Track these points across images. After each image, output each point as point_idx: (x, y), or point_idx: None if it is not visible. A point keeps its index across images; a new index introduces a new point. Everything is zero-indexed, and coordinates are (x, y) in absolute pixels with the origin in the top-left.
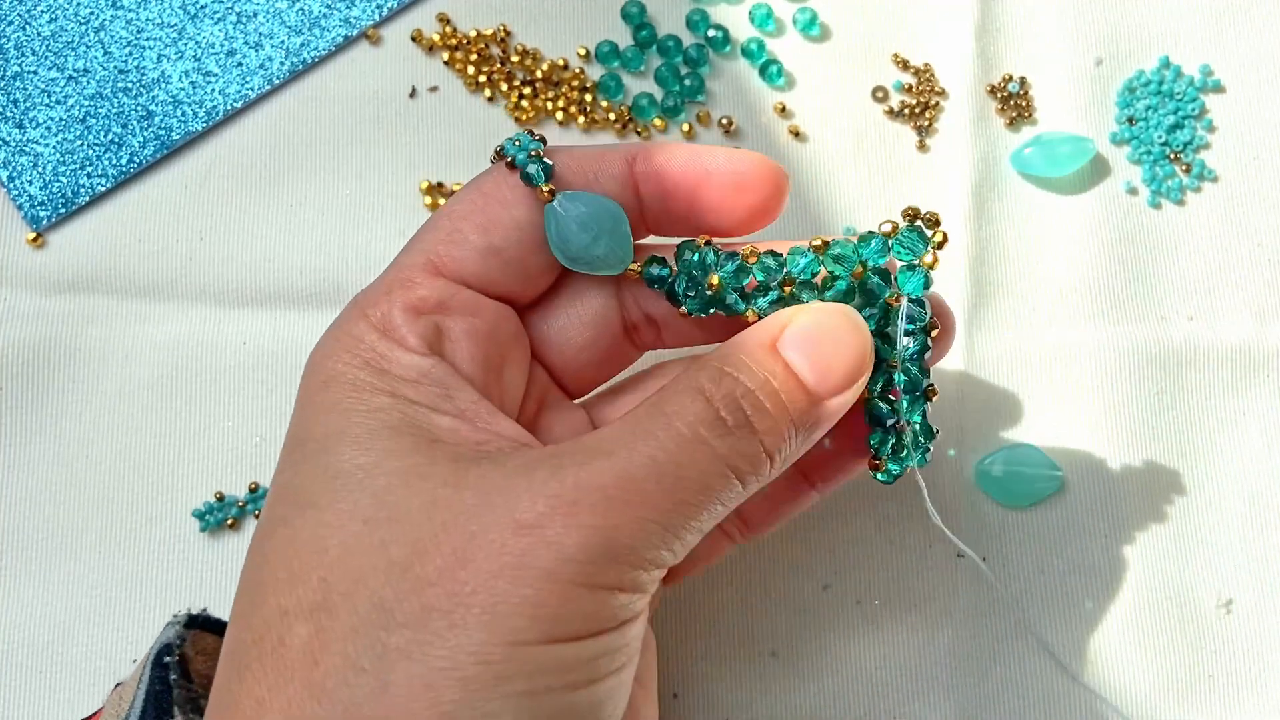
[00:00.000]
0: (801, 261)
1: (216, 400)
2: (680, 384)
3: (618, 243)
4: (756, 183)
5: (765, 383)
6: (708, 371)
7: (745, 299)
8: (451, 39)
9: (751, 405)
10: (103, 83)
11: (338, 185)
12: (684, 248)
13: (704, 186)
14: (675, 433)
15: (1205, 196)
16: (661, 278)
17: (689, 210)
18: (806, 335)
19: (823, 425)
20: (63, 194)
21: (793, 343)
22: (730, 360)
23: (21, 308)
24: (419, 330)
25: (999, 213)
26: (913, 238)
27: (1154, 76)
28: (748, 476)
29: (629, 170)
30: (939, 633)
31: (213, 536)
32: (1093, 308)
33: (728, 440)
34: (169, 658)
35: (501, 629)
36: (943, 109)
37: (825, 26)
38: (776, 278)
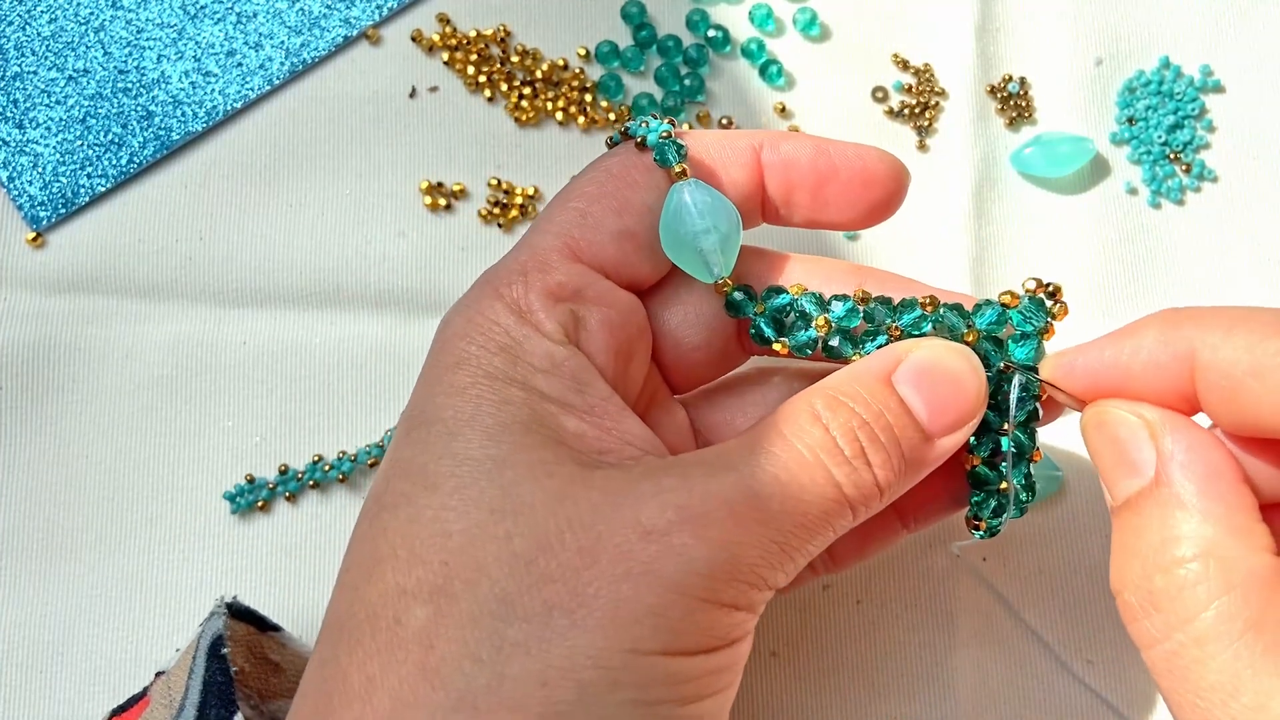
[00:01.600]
0: (908, 317)
1: (216, 400)
2: (798, 407)
3: (726, 246)
4: (883, 178)
5: (880, 416)
6: (824, 398)
7: (851, 343)
8: (451, 39)
9: (867, 437)
10: (103, 83)
11: (338, 185)
12: (771, 291)
13: (830, 181)
14: (797, 455)
15: (1205, 196)
16: (740, 307)
17: (812, 202)
18: (923, 372)
19: (931, 463)
20: (63, 194)
21: (908, 378)
22: (846, 390)
23: (21, 308)
24: (557, 317)
25: (999, 213)
26: (1032, 309)
27: (1154, 76)
28: (859, 506)
29: (755, 157)
30: (939, 633)
31: (243, 518)
32: (1093, 308)
33: (843, 469)
34: (225, 649)
35: (622, 635)
36: (943, 109)
37: (825, 26)
38: (885, 323)
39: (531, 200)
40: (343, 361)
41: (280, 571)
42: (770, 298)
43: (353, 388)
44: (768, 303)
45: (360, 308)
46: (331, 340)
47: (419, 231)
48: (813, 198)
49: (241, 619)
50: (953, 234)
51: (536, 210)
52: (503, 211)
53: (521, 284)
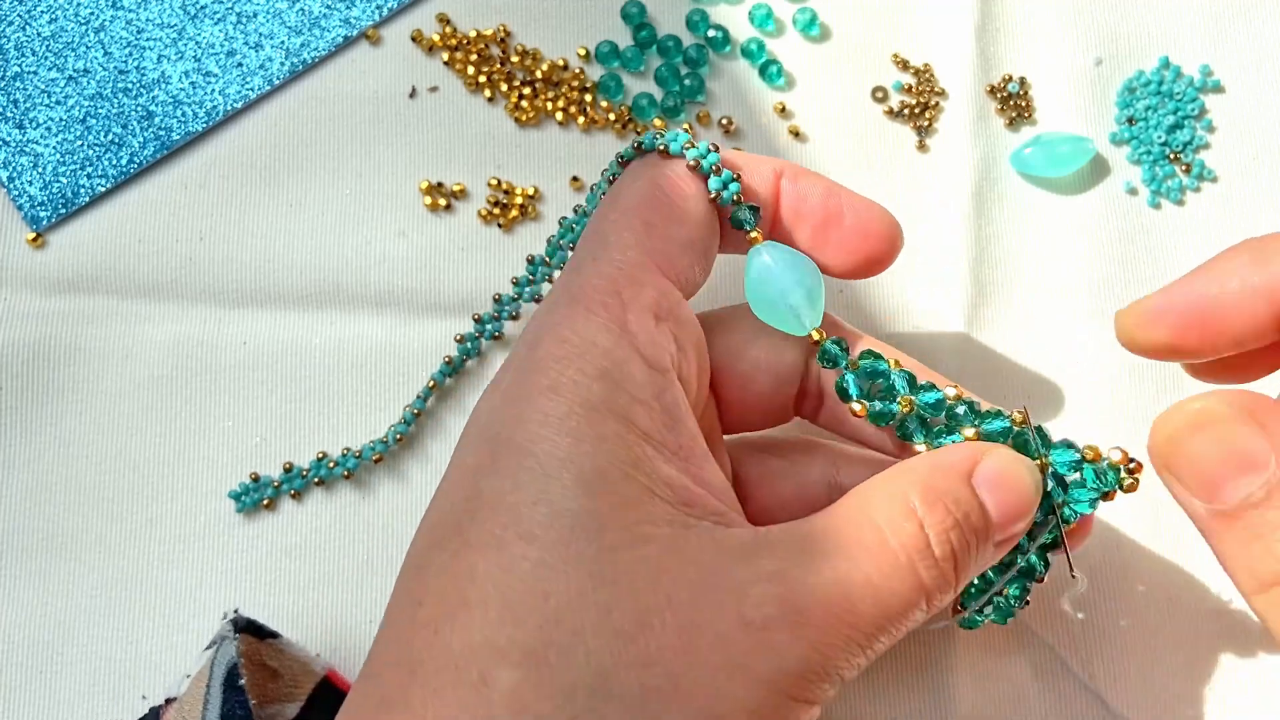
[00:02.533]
0: (994, 426)
1: (216, 400)
2: (892, 495)
3: (813, 299)
4: (880, 233)
5: (968, 517)
6: (921, 493)
7: (925, 430)
8: (451, 39)
9: (957, 540)
10: (103, 83)
11: (338, 185)
12: (867, 354)
13: (834, 224)
14: (892, 555)
15: (1205, 196)
16: (836, 359)
17: (812, 239)
18: (999, 478)
19: (985, 566)
20: (63, 194)
21: (986, 482)
22: (940, 486)
23: (21, 308)
24: (661, 341)
25: (999, 213)
26: (1108, 474)
27: (1154, 77)
28: (934, 605)
29: (777, 182)
30: (938, 632)
31: (247, 517)
32: (1093, 308)
33: (932, 571)
34: (242, 680)
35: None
36: (943, 109)
37: (825, 27)
38: (967, 428)
39: (531, 200)
40: (343, 361)
41: (283, 572)
42: (865, 359)
43: (353, 388)
44: (862, 363)
45: (360, 308)
46: (331, 340)
47: (419, 231)
48: (814, 235)
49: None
50: (952, 234)
51: (537, 210)
52: (503, 211)
53: (618, 300)
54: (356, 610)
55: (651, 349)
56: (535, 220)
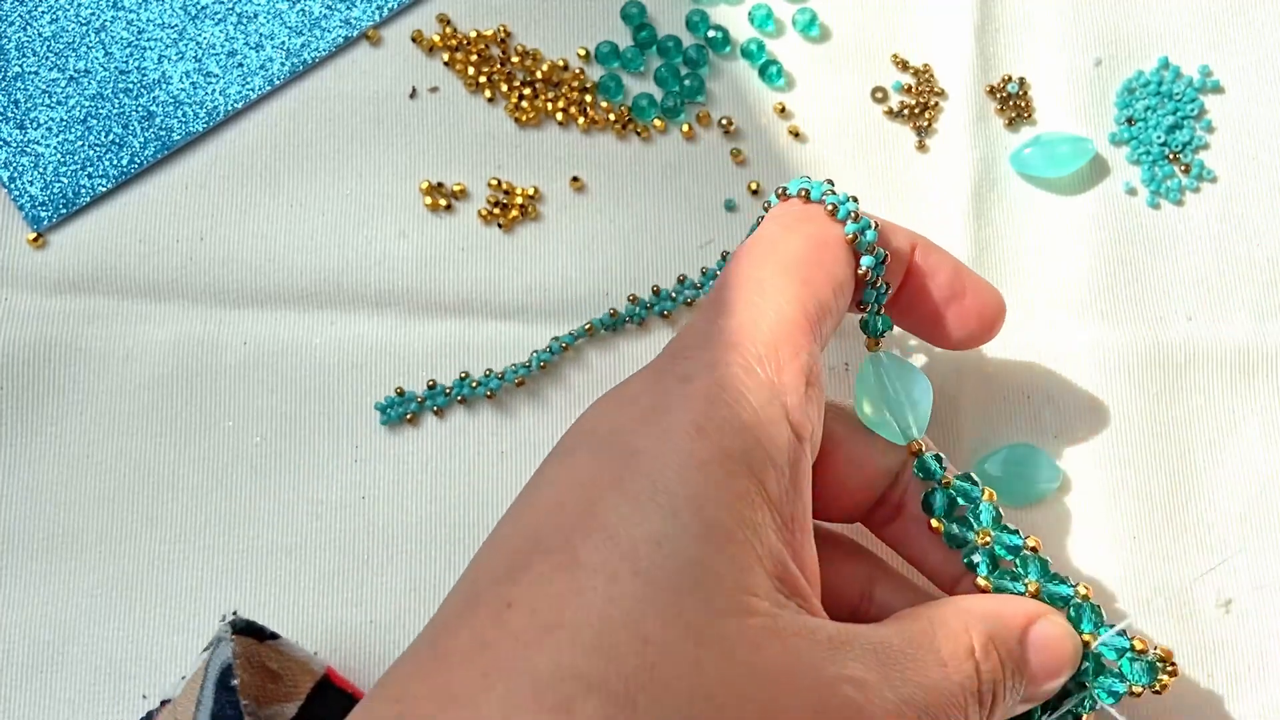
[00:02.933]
0: (1058, 591)
1: (216, 400)
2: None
3: (918, 414)
4: (993, 315)
5: (1014, 673)
6: (980, 633)
7: (990, 568)
8: (451, 40)
9: (998, 687)
10: (103, 83)
11: (338, 185)
12: (964, 478)
13: (955, 302)
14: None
15: (1204, 197)
16: (932, 472)
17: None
18: (1047, 644)
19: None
20: (63, 194)
21: (1036, 645)
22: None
23: (22, 308)
24: (808, 408)
25: (998, 213)
26: (1146, 670)
27: (1153, 77)
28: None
29: (911, 254)
30: None
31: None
32: (1092, 308)
33: (972, 704)
34: (234, 680)
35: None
36: (942, 109)
37: (825, 27)
38: (1031, 581)
39: (531, 200)
40: (343, 361)
41: (283, 572)
42: (961, 481)
43: (353, 388)
44: (956, 483)
45: (360, 308)
46: (331, 340)
47: (419, 232)
48: (935, 310)
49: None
50: (952, 234)
51: (537, 210)
52: (503, 212)
53: (775, 358)
54: (357, 610)
55: (798, 415)
56: (535, 220)
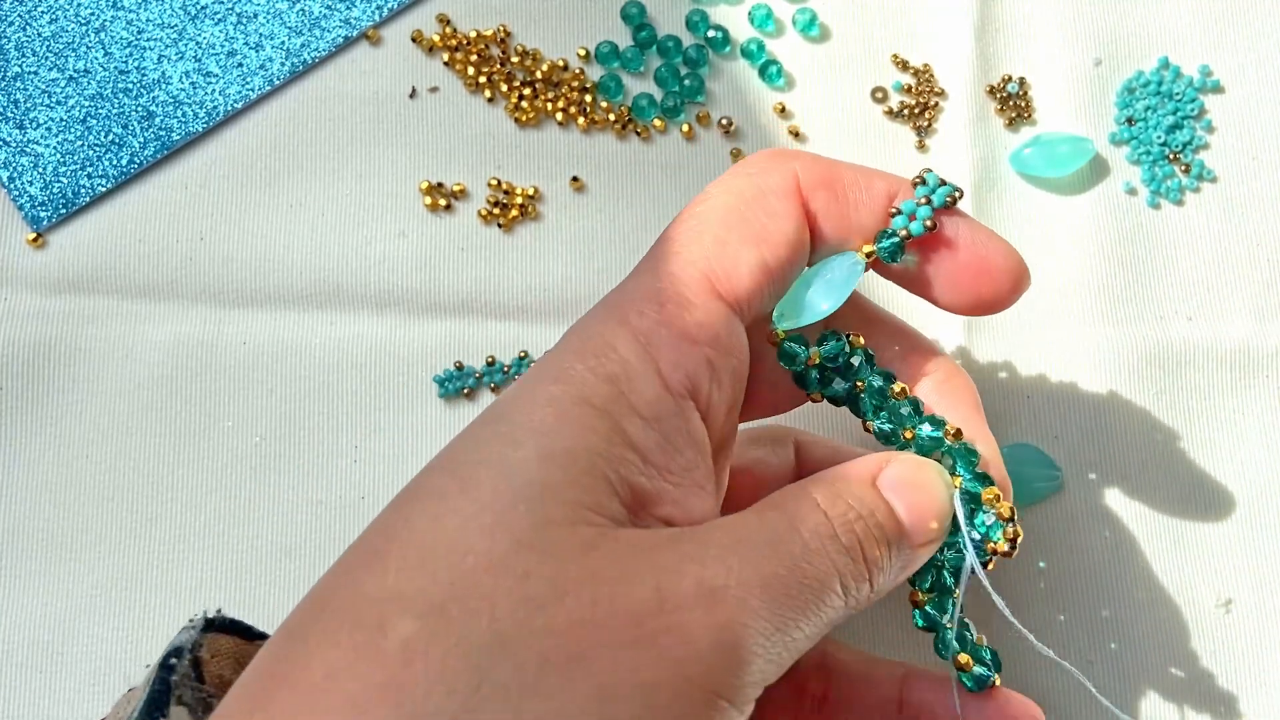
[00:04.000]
0: (928, 434)
1: (216, 400)
2: (799, 494)
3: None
4: (999, 272)
5: (872, 513)
6: (823, 490)
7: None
8: (451, 40)
9: (861, 530)
10: (103, 83)
11: (338, 185)
12: (828, 336)
13: (947, 254)
14: (803, 541)
15: (1204, 197)
16: (797, 361)
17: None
18: (904, 481)
19: (908, 570)
20: (63, 194)
21: (891, 485)
22: (840, 486)
23: (21, 308)
24: (687, 365)
25: (998, 213)
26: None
27: (1153, 77)
28: (851, 599)
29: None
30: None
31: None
32: (1092, 308)
33: (841, 558)
34: (175, 659)
35: (607, 707)
36: (942, 109)
37: (825, 27)
38: (900, 423)
39: (531, 200)
40: (343, 361)
41: (283, 572)
42: (824, 343)
43: (353, 388)
44: (821, 348)
45: (360, 308)
46: (331, 340)
47: (419, 232)
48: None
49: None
50: None
51: (537, 210)
52: (503, 212)
53: (655, 314)
54: None
55: (673, 372)
56: (535, 220)
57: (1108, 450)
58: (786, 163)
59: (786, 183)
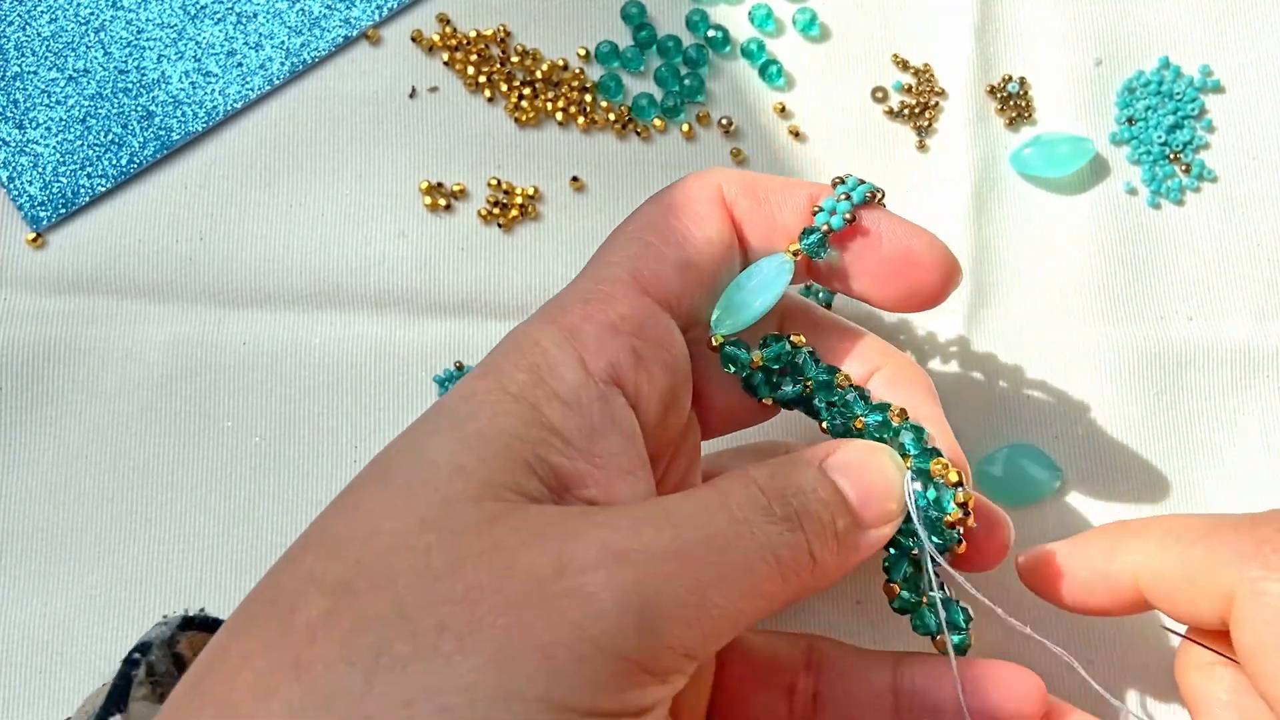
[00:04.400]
0: (875, 420)
1: (216, 400)
2: (734, 473)
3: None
4: (925, 264)
5: (814, 489)
6: (761, 471)
7: (829, 410)
8: (451, 39)
9: (799, 504)
10: (103, 83)
11: (338, 185)
12: (769, 338)
13: (871, 251)
14: (727, 511)
15: (1204, 197)
16: (741, 363)
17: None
18: (850, 463)
19: (862, 552)
20: (63, 194)
21: (838, 467)
22: (783, 468)
23: (21, 308)
24: (611, 353)
25: (999, 213)
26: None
27: (1153, 77)
28: (789, 570)
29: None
30: None
31: None
32: (1092, 308)
33: (775, 528)
34: (139, 654)
35: (504, 671)
36: (942, 109)
37: (825, 27)
38: (850, 415)
39: (531, 200)
40: (343, 361)
41: None
42: (766, 344)
43: (352, 388)
44: (764, 350)
45: (360, 308)
46: (331, 340)
47: (419, 232)
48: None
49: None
50: (952, 234)
51: (537, 210)
52: (503, 212)
53: (579, 310)
54: None
55: (596, 359)
56: (535, 220)
57: (1108, 450)
58: (709, 176)
59: (710, 192)
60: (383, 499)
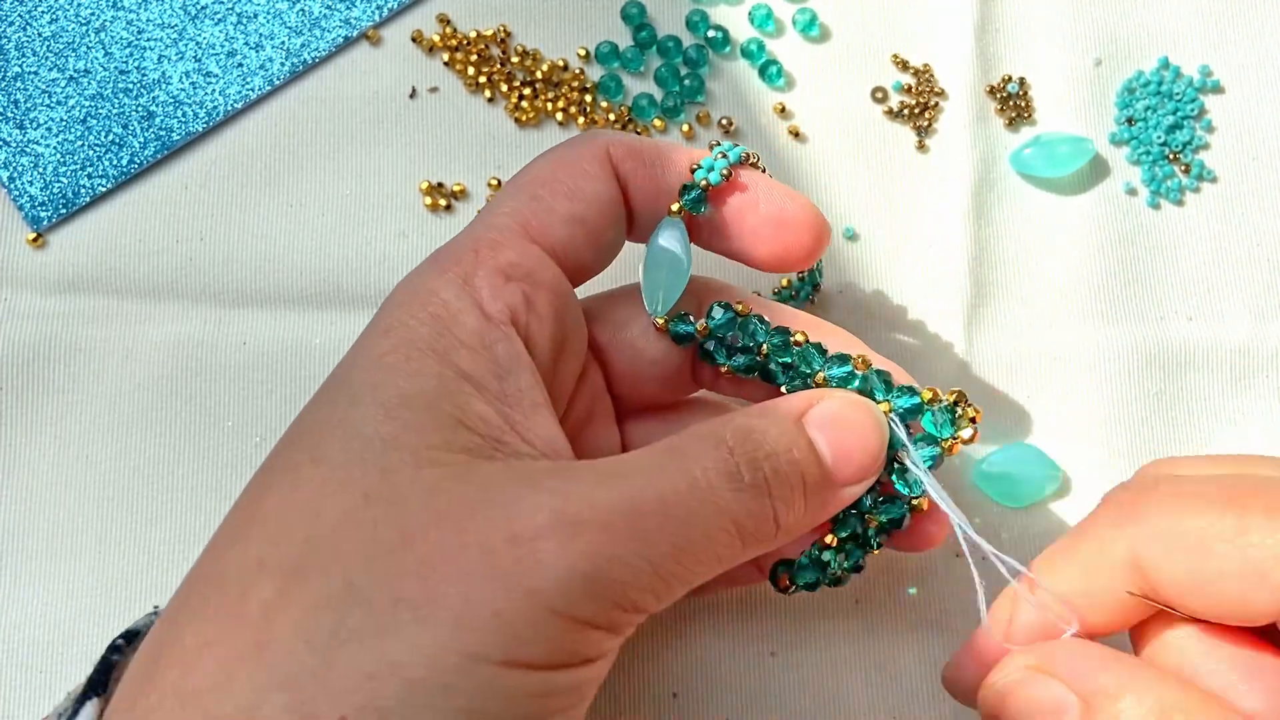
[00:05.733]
0: (838, 372)
1: (216, 400)
2: (703, 430)
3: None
4: (798, 224)
5: (788, 450)
6: (733, 426)
7: (785, 373)
8: (451, 40)
9: (770, 468)
10: (103, 83)
11: (338, 185)
12: (715, 306)
13: (750, 212)
14: (689, 478)
15: (1204, 197)
16: (688, 335)
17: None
18: (832, 418)
19: (829, 509)
20: (63, 194)
21: (818, 422)
22: (756, 423)
23: (22, 308)
24: (505, 297)
25: (998, 213)
26: (944, 418)
27: (1153, 77)
28: (750, 537)
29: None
30: (937, 633)
31: None
32: (1092, 308)
33: (739, 496)
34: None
35: (463, 638)
36: (942, 109)
37: (825, 27)
38: (812, 370)
39: None
40: None
41: None
42: (713, 314)
43: None
44: (710, 320)
45: (361, 308)
46: (332, 340)
47: (419, 232)
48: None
49: None
50: (951, 234)
51: None
52: None
53: (472, 258)
54: None
55: (492, 303)
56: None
57: (1108, 450)
58: (597, 137)
59: (598, 151)
60: (321, 479)
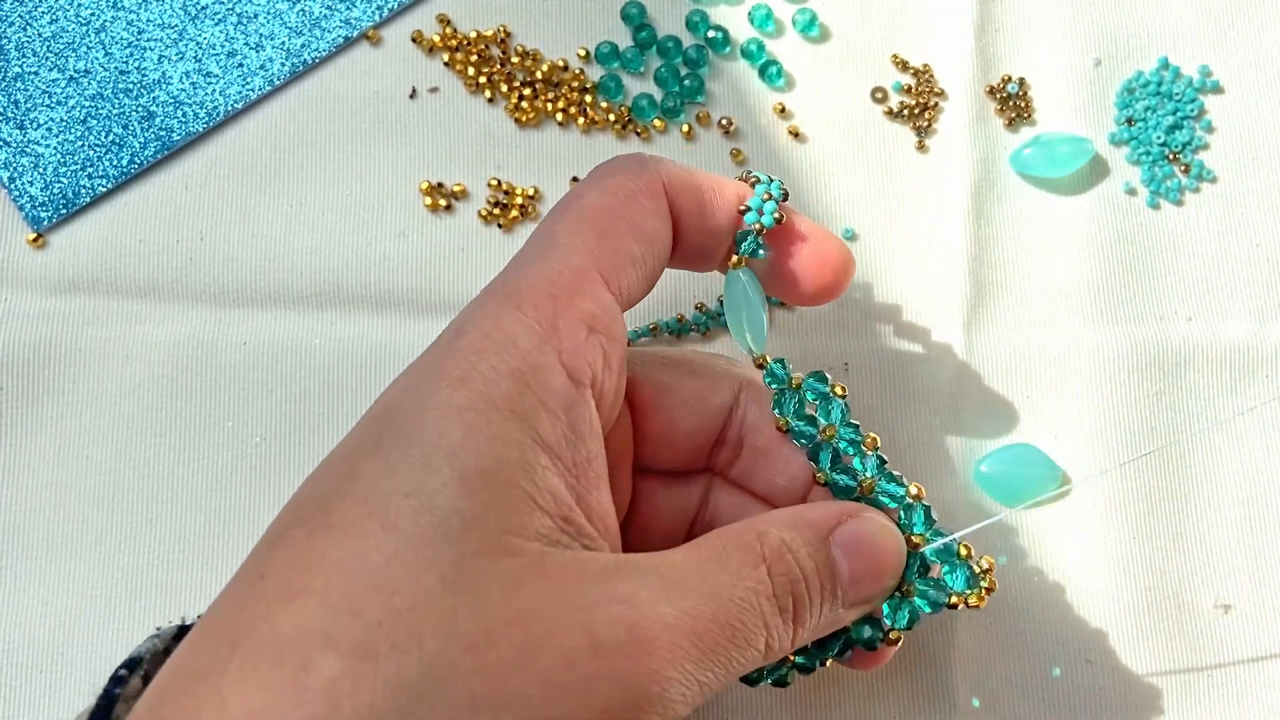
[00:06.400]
0: (891, 492)
1: (216, 400)
2: (746, 543)
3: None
4: (836, 265)
5: (815, 573)
6: (770, 544)
7: (834, 462)
8: (452, 40)
9: (797, 594)
10: (103, 84)
11: (338, 185)
12: (813, 376)
13: (796, 254)
14: (736, 599)
15: (1204, 197)
16: (779, 378)
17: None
18: (857, 542)
19: (831, 627)
20: (63, 195)
21: (843, 543)
22: (790, 539)
23: (22, 308)
24: (587, 354)
25: (998, 213)
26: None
27: (1153, 77)
28: (773, 653)
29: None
30: (937, 633)
31: None
32: (1092, 308)
33: (774, 616)
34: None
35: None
36: (942, 110)
37: (825, 27)
38: (863, 478)
39: (531, 200)
40: (343, 362)
41: None
42: (811, 379)
43: (352, 388)
44: (807, 382)
45: (360, 308)
46: (332, 341)
47: (419, 232)
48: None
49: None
50: (951, 234)
51: (537, 210)
52: (503, 212)
53: (551, 305)
54: None
55: (575, 360)
56: (536, 220)
57: (1108, 450)
58: (650, 167)
59: (655, 184)
60: (393, 551)
